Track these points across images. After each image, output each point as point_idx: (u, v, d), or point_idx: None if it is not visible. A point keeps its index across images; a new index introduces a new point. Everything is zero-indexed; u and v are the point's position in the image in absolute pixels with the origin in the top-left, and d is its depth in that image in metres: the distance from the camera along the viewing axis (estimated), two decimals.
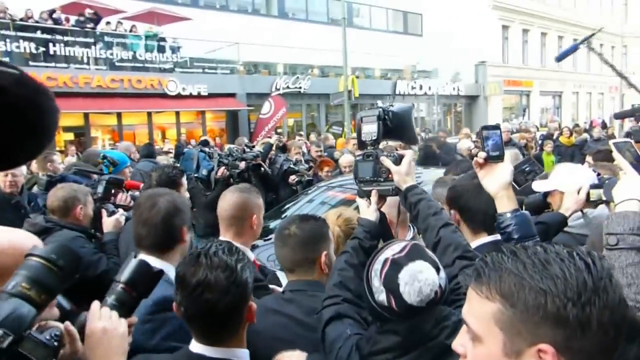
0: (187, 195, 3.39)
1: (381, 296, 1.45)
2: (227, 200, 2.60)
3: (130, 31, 17.74)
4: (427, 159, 7.21)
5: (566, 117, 35.17)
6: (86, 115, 16.97)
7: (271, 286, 2.44)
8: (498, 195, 1.69)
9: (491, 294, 0.88)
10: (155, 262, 1.99)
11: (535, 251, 0.89)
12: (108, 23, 17.44)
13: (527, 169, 3.96)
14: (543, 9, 33.33)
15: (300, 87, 21.10)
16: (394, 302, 1.43)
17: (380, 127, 1.92)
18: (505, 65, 31.23)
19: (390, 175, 1.90)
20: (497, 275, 0.88)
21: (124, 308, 1.41)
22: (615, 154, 1.69)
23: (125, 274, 1.45)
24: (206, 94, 18.43)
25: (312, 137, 15.14)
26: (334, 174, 6.34)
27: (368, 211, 1.95)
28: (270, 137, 14.76)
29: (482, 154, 1.71)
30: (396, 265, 1.45)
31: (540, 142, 11.85)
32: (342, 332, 1.63)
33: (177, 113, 19.01)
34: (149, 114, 18.26)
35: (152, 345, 1.87)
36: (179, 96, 17.85)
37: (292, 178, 5.74)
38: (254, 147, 6.01)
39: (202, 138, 9.98)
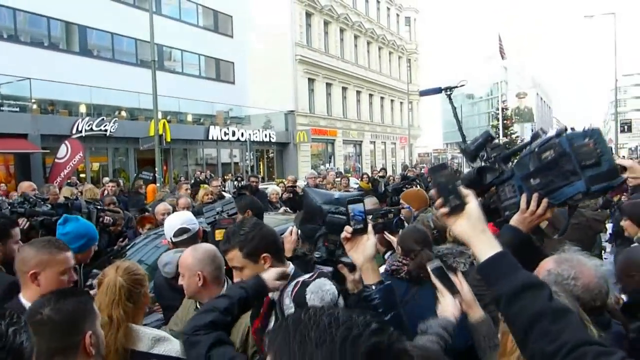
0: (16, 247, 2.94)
1: (290, 312, 1.71)
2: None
3: None
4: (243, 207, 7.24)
5: (366, 164, 38.90)
6: None
7: None
8: (363, 267, 1.75)
9: None
10: None
11: None
12: None
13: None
14: (343, 66, 36.94)
15: (105, 130, 19.63)
16: None
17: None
18: (312, 114, 33.54)
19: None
20: None
21: None
22: (433, 278, 1.95)
23: None
24: None
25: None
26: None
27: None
28: (70, 182, 13.43)
29: (348, 229, 1.75)
30: (305, 284, 1.79)
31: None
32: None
33: None
34: None
35: None
36: None
37: (107, 219, 5.09)
38: (47, 199, 5.18)
39: None
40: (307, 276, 1.87)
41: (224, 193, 9.11)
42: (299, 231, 2.91)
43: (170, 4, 26.30)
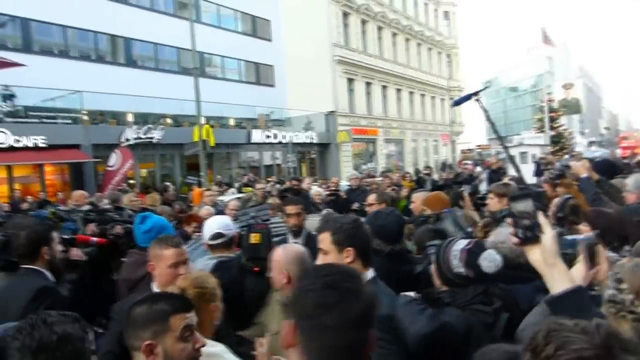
0: (60, 248, 3.05)
1: (460, 270, 2.32)
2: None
3: None
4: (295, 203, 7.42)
5: (408, 162, 38.55)
6: None
7: None
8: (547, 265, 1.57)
9: None
10: None
11: None
12: None
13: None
14: (382, 64, 36.74)
15: (152, 137, 20.24)
16: (472, 273, 2.31)
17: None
18: (353, 114, 33.51)
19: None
20: None
21: None
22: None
23: None
24: (45, 145, 16.80)
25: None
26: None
27: None
28: (121, 189, 13.94)
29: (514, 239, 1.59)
30: (473, 252, 2.34)
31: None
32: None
33: (9, 167, 16.99)
34: None
35: None
36: (11, 149, 16.00)
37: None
38: (121, 208, 5.33)
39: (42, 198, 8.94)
40: (464, 242, 2.39)
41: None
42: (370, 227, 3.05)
43: (209, 11, 26.89)
